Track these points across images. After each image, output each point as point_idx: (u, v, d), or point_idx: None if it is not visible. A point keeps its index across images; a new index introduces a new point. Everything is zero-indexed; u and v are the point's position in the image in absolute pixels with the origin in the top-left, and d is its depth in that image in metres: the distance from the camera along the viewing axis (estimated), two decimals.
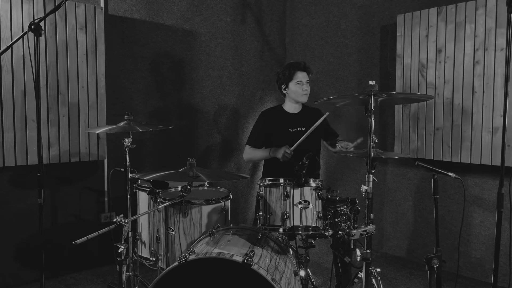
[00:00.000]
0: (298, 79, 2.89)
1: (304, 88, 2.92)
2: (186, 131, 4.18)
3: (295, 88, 2.91)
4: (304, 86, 2.92)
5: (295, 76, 2.89)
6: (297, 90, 2.90)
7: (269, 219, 2.06)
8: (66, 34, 3.19)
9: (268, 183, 2.10)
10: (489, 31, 3.12)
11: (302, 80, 2.90)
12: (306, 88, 2.92)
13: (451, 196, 3.57)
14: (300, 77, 2.89)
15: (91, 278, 3.41)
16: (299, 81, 2.89)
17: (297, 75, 2.89)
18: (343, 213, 2.29)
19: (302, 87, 2.91)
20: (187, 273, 1.86)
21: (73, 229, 3.51)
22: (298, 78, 2.89)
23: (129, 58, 3.76)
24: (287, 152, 2.64)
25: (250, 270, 1.76)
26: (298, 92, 2.91)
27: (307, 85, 2.93)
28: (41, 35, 2.46)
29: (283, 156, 2.67)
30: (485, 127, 3.17)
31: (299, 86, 2.89)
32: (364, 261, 2.12)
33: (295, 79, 2.89)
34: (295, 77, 2.89)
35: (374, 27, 4.08)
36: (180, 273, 1.86)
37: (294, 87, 2.91)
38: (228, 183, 4.48)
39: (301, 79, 2.89)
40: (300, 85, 2.89)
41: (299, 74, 2.90)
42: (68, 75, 3.22)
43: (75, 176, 3.51)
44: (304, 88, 2.92)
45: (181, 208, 2.42)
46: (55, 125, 3.17)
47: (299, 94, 2.91)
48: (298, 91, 2.90)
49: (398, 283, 3.39)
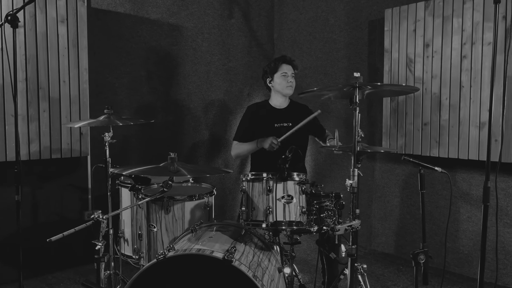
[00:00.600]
0: (283, 71, 2.88)
1: (289, 80, 2.91)
2: (173, 127, 4.12)
3: (280, 80, 2.89)
4: (289, 78, 2.90)
5: (280, 68, 2.88)
6: (282, 82, 2.88)
7: (251, 214, 2.00)
8: (46, 26, 3.10)
9: (251, 177, 2.05)
10: (477, 25, 3.09)
11: (287, 72, 2.89)
12: (291, 80, 2.90)
13: (439, 192, 3.55)
14: (285, 69, 2.89)
15: (74, 277, 3.33)
16: (284, 73, 2.88)
17: (282, 67, 2.89)
18: (329, 208, 2.25)
19: (287, 79, 2.89)
20: (167, 270, 1.80)
21: (55, 227, 3.40)
22: (283, 70, 2.88)
23: (113, 53, 3.68)
24: (274, 143, 2.62)
25: (231, 266, 1.70)
26: (282, 84, 2.88)
27: (292, 78, 2.92)
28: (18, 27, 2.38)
29: (270, 146, 2.64)
30: (472, 122, 3.14)
31: (283, 78, 2.88)
32: (349, 257, 2.07)
33: (280, 71, 2.88)
34: (280, 68, 2.88)
35: (362, 22, 4.04)
36: (159, 271, 1.80)
37: (279, 79, 2.89)
38: (215, 180, 4.43)
39: (286, 71, 2.88)
40: (285, 77, 2.88)
41: (284, 66, 2.89)
42: (48, 69, 3.13)
43: (58, 173, 3.43)
44: (289, 80, 2.90)
45: (163, 204, 2.36)
46: (35, 120, 3.09)
47: (283, 86, 2.89)
48: (283, 83, 2.88)
49: (385, 279, 3.36)
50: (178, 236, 2.30)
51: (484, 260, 2.10)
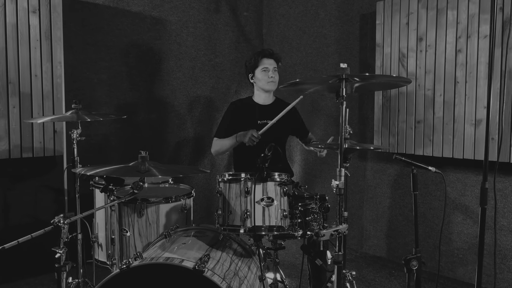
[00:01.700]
0: (264, 66, 2.72)
1: (270, 75, 2.75)
2: (156, 125, 3.94)
3: (261, 76, 2.73)
4: (270, 73, 2.75)
5: (261, 62, 2.73)
6: (263, 78, 2.73)
7: (228, 219, 1.83)
8: (16, 17, 2.91)
9: (227, 178, 1.87)
10: (472, 17, 2.94)
11: (268, 67, 2.73)
12: (273, 75, 2.74)
13: (432, 193, 3.40)
14: (266, 63, 2.73)
15: (48, 284, 3.14)
16: (265, 68, 2.72)
17: (263, 61, 2.73)
18: (314, 211, 2.09)
19: (268, 74, 2.74)
20: (132, 280, 1.62)
21: (29, 230, 3.20)
22: (264, 65, 2.72)
23: (91, 47, 3.50)
24: (254, 136, 2.46)
25: (202, 277, 1.53)
26: (264, 80, 2.73)
27: (273, 73, 2.76)
28: None
29: (250, 140, 2.49)
30: (467, 120, 2.99)
31: (265, 73, 2.72)
32: (336, 264, 1.91)
33: (260, 66, 2.73)
34: (261, 63, 2.73)
35: (353, 16, 3.88)
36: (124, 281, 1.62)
37: (260, 75, 2.74)
38: (200, 180, 4.25)
39: (267, 65, 2.73)
40: (266, 72, 2.72)
41: (265, 61, 2.74)
42: (19, 62, 2.94)
43: (31, 173, 3.23)
44: (270, 75, 2.75)
45: (136, 207, 2.19)
46: (4, 116, 2.89)
47: (264, 81, 2.73)
48: (264, 78, 2.73)
49: (377, 284, 3.20)
50: (151, 242, 2.13)
51: (481, 265, 1.95)
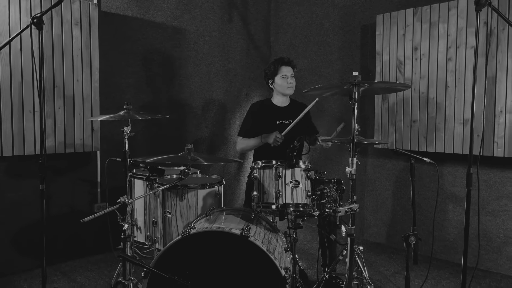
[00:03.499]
0: (283, 73, 3.11)
1: (289, 81, 3.14)
2: (176, 125, 4.33)
3: (281, 82, 3.12)
4: (289, 80, 3.13)
5: (280, 70, 3.11)
6: (283, 84, 3.12)
7: (263, 198, 2.24)
8: (61, 29, 3.30)
9: (261, 165, 2.28)
10: (461, 30, 3.38)
11: (287, 74, 3.12)
12: (291, 81, 3.14)
13: (426, 185, 3.83)
14: (284, 71, 3.11)
15: (86, 266, 3.51)
16: (284, 75, 3.11)
17: (281, 69, 3.11)
18: (329, 195, 2.50)
19: (287, 80, 3.12)
20: (189, 246, 2.02)
21: (67, 219, 3.61)
22: (283, 72, 3.11)
23: (121, 54, 3.88)
24: (278, 137, 2.84)
25: (247, 241, 1.93)
26: (283, 85, 3.12)
27: (292, 79, 3.15)
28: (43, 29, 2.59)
29: (274, 141, 2.86)
30: (457, 119, 3.43)
31: (284, 79, 3.11)
32: (349, 236, 2.32)
33: (280, 73, 3.11)
34: (280, 71, 3.11)
35: (355, 26, 4.32)
36: (182, 247, 2.02)
37: (280, 81, 3.12)
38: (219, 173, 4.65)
39: (285, 73, 3.11)
40: (285, 78, 3.11)
41: (284, 69, 3.12)
42: (63, 69, 3.32)
43: (69, 167, 3.61)
44: (289, 82, 3.13)
45: (178, 192, 2.58)
46: (51, 116, 3.27)
47: (284, 87, 3.13)
48: (284, 84, 3.12)
49: (378, 265, 3.61)
50: (192, 221, 2.52)
51: (467, 241, 2.34)
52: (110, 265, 3.53)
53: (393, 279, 3.32)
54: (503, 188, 3.39)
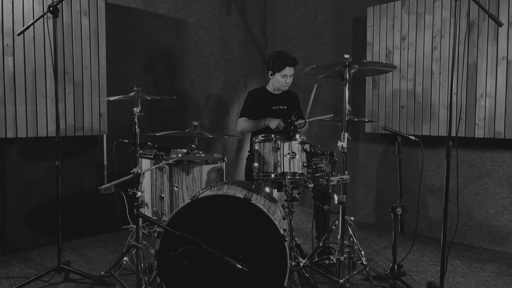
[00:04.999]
0: (284, 73, 3.35)
1: (287, 81, 3.40)
2: (177, 112, 4.54)
3: (280, 79, 3.38)
4: (287, 80, 3.39)
5: (283, 69, 3.34)
6: (280, 81, 3.38)
7: (263, 168, 2.47)
8: (71, 18, 3.50)
9: (261, 138, 2.52)
10: (445, 21, 3.63)
11: (287, 74, 3.36)
12: (288, 82, 3.40)
13: (414, 167, 4.08)
14: (287, 71, 3.35)
15: (94, 243, 3.72)
16: (285, 75, 3.35)
17: (285, 69, 3.35)
18: (323, 169, 2.74)
19: (286, 80, 3.38)
20: (197, 209, 2.24)
21: (75, 199, 3.82)
22: (285, 72, 3.35)
23: (126, 44, 4.09)
24: (281, 125, 3.08)
25: (250, 204, 2.16)
26: (281, 83, 3.39)
27: (290, 78, 3.40)
28: (58, 17, 2.80)
29: (276, 127, 3.10)
30: (441, 104, 3.68)
31: (283, 79, 3.38)
32: (341, 204, 2.56)
33: (282, 72, 3.35)
34: (283, 70, 3.34)
35: (347, 19, 4.56)
36: (191, 210, 2.24)
37: (279, 78, 3.38)
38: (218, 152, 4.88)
39: (287, 73, 3.36)
40: (285, 78, 3.36)
41: (287, 69, 3.35)
42: (73, 56, 3.53)
43: (78, 150, 3.82)
44: (286, 81, 3.40)
45: (184, 167, 2.81)
46: (62, 101, 3.48)
47: (281, 84, 3.40)
48: (281, 82, 3.38)
49: (368, 241, 3.86)
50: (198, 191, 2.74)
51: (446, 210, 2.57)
52: (118, 242, 3.74)
53: (382, 252, 3.57)
54: (483, 168, 3.65)
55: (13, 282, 2.83)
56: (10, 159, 3.44)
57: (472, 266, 3.26)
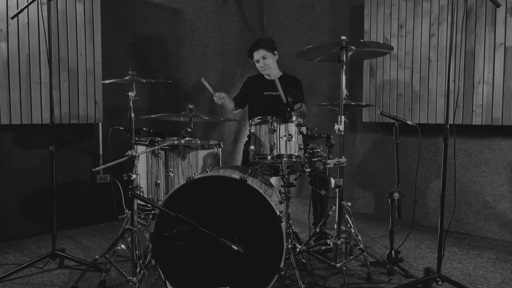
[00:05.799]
0: (255, 58, 3.34)
1: (260, 65, 3.36)
2: (173, 102, 4.51)
3: (257, 66, 3.38)
4: (261, 64, 3.35)
5: (253, 56, 3.35)
6: (258, 67, 3.37)
7: (259, 150, 2.45)
8: (66, 4, 3.47)
9: (257, 121, 2.49)
10: (442, 8, 3.61)
11: (258, 59, 3.33)
12: (262, 65, 3.34)
13: (411, 156, 4.06)
14: (256, 56, 3.34)
15: (90, 232, 3.70)
16: (257, 60, 3.34)
17: (253, 55, 3.34)
18: (319, 154, 2.72)
19: (259, 64, 3.34)
20: (192, 191, 2.22)
21: (71, 189, 3.79)
22: (255, 57, 3.35)
23: (121, 32, 4.05)
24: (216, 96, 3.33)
25: (246, 185, 2.14)
26: (259, 69, 3.39)
27: (263, 62, 3.34)
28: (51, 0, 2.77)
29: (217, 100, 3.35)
30: (439, 91, 3.66)
31: (258, 64, 3.36)
32: (337, 188, 2.54)
33: (254, 58, 3.34)
34: (254, 56, 3.34)
35: (344, 8, 4.53)
36: (186, 191, 2.22)
37: (256, 65, 3.38)
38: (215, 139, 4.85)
39: (257, 57, 3.33)
40: (258, 63, 3.35)
41: (255, 54, 3.34)
42: (68, 43, 3.49)
43: (73, 138, 3.78)
44: (260, 66, 3.35)
45: (180, 152, 2.78)
46: (56, 88, 3.44)
47: (260, 70, 3.39)
48: (258, 67, 3.39)
49: (366, 230, 3.85)
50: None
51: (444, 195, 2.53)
52: (113, 231, 3.72)
53: (379, 240, 3.55)
54: (481, 156, 3.64)
55: (7, 268, 2.80)
56: (5, 146, 3.40)
57: (469, 253, 3.25)
